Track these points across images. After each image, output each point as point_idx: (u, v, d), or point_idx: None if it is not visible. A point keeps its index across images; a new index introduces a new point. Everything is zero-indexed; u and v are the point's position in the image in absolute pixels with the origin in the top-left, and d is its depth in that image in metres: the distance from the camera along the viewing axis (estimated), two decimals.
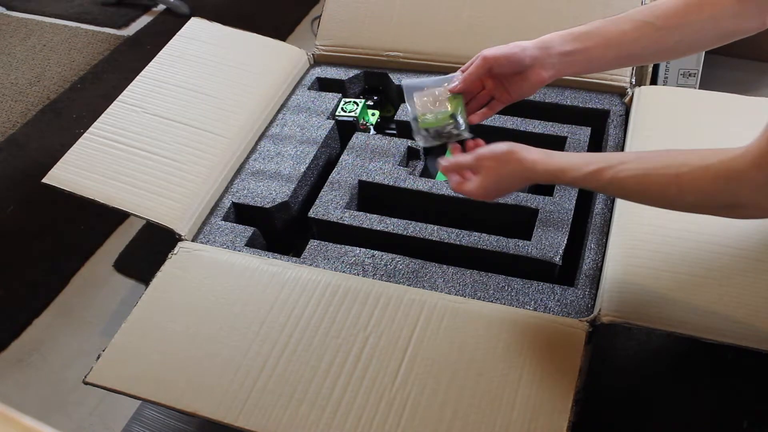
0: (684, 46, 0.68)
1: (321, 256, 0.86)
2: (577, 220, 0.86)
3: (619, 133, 0.95)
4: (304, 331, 0.75)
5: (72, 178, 0.95)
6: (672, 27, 0.65)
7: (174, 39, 1.16)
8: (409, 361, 0.71)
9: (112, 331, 0.79)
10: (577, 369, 0.68)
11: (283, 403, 0.70)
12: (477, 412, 0.66)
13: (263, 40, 1.17)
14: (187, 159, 0.97)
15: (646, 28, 0.66)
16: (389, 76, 1.11)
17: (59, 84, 1.74)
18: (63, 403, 1.07)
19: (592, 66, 0.70)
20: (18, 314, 1.20)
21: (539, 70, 0.69)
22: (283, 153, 1.01)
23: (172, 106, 1.04)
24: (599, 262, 0.80)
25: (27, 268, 1.29)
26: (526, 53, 0.68)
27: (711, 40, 0.67)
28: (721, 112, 0.92)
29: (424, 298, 0.76)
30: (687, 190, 0.57)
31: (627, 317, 0.70)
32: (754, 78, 1.40)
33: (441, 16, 1.09)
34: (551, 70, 0.69)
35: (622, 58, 0.69)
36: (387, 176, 0.95)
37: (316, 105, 1.08)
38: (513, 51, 0.68)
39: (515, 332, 0.72)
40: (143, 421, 1.02)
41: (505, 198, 0.89)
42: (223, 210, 0.94)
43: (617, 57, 0.68)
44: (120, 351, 0.78)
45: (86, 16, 2.00)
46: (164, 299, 0.82)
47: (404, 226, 0.87)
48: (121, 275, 1.25)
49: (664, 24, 0.65)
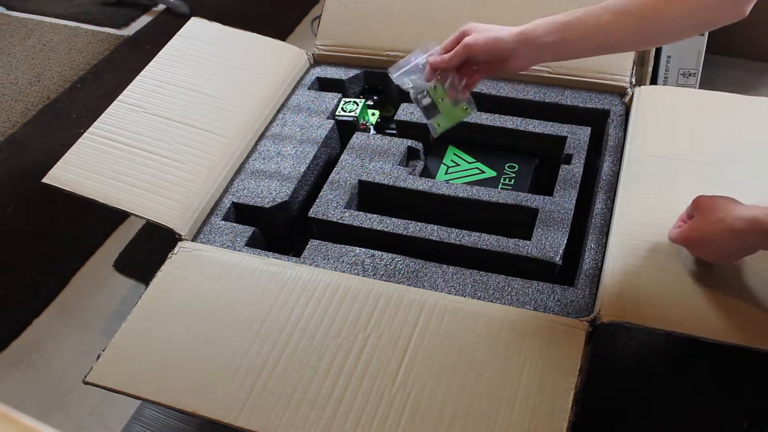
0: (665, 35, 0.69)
1: (321, 256, 0.86)
2: (577, 220, 0.86)
3: (619, 133, 0.95)
4: (304, 330, 0.75)
5: (72, 178, 0.95)
6: (651, 16, 0.66)
7: (174, 39, 1.16)
8: (409, 361, 0.71)
9: (112, 331, 0.79)
10: (577, 369, 0.68)
11: (283, 403, 0.70)
12: (477, 412, 0.66)
13: (263, 40, 1.17)
14: (187, 159, 0.97)
15: (627, 17, 0.66)
16: (389, 76, 1.10)
17: (59, 84, 1.74)
18: (63, 403, 1.07)
19: (572, 55, 0.72)
20: (18, 314, 1.20)
21: (518, 60, 0.71)
22: (283, 153, 1.01)
23: (172, 106, 1.04)
24: (599, 262, 0.80)
25: (27, 268, 1.29)
26: (507, 44, 0.70)
27: (690, 30, 0.68)
28: (721, 112, 0.92)
29: (424, 298, 0.76)
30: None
31: (627, 317, 0.70)
32: (754, 78, 1.40)
33: (441, 16, 1.09)
34: (530, 60, 0.71)
35: (603, 47, 0.70)
36: (387, 176, 0.95)
37: (316, 105, 1.08)
38: (494, 42, 0.71)
39: (515, 332, 0.72)
40: (143, 421, 1.02)
41: (505, 198, 0.89)
42: (223, 210, 0.94)
43: (598, 45, 0.70)
44: (120, 351, 0.78)
45: (86, 16, 2.00)
46: (164, 299, 0.82)
47: (404, 226, 0.87)
48: (121, 275, 1.25)
49: (643, 13, 0.66)
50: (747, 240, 0.61)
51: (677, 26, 0.67)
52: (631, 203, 0.81)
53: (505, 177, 0.98)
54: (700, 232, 0.66)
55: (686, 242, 0.69)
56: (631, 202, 0.82)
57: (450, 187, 0.91)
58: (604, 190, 0.87)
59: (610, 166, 0.90)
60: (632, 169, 0.86)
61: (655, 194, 0.82)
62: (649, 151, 0.88)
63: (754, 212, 0.61)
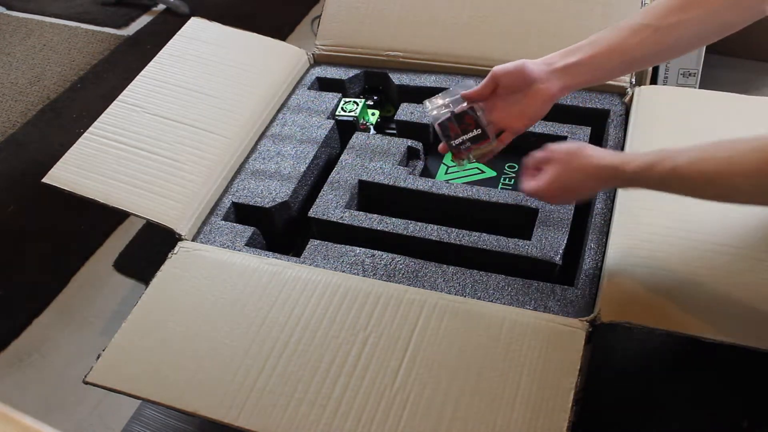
0: (685, 42, 0.68)
1: (321, 256, 0.86)
2: (577, 220, 0.86)
3: (619, 133, 0.95)
4: (304, 330, 0.75)
5: (72, 177, 0.95)
6: (670, 25, 0.66)
7: (174, 39, 1.16)
8: (409, 361, 0.71)
9: (112, 331, 0.79)
10: (577, 369, 0.68)
11: (283, 403, 0.70)
12: (477, 412, 0.66)
13: (263, 40, 1.17)
14: (187, 159, 0.97)
15: (645, 30, 0.67)
16: (389, 76, 1.11)
17: (59, 84, 1.74)
18: (63, 403, 1.07)
19: (598, 74, 0.71)
20: (18, 314, 1.20)
21: (547, 84, 0.70)
22: (283, 153, 1.01)
23: (172, 106, 1.04)
24: (599, 262, 0.80)
25: (27, 268, 1.29)
26: (532, 68, 0.71)
27: (711, 32, 0.67)
28: (721, 112, 0.92)
29: (424, 298, 0.76)
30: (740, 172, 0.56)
31: (627, 317, 0.70)
32: (754, 78, 1.40)
33: (441, 16, 1.09)
34: (558, 83, 0.70)
35: (626, 63, 0.70)
36: (387, 176, 0.95)
37: (316, 105, 1.08)
38: (519, 66, 0.71)
39: (515, 332, 0.72)
40: (143, 421, 1.02)
41: (505, 198, 0.89)
42: (223, 210, 0.94)
43: (621, 62, 0.69)
44: (120, 351, 0.78)
45: (86, 15, 2.00)
46: (164, 299, 0.82)
47: (404, 226, 0.87)
48: (121, 275, 1.25)
49: (661, 23, 0.66)
50: (607, 184, 0.67)
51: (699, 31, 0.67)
52: (631, 203, 0.81)
53: (505, 177, 0.99)
54: (560, 182, 0.68)
55: (546, 194, 0.70)
56: (631, 202, 0.82)
57: (450, 187, 0.91)
58: (604, 190, 0.87)
59: None
60: None
61: (655, 194, 0.82)
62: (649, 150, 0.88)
63: (611, 160, 0.64)
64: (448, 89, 0.79)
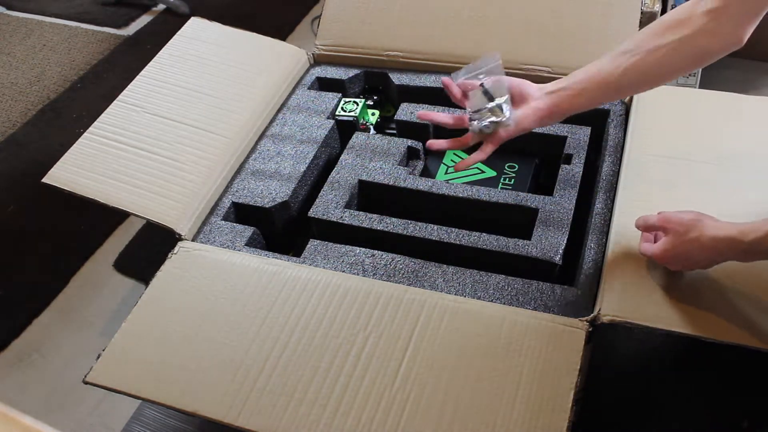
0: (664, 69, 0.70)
1: (321, 256, 0.86)
2: (577, 220, 0.86)
3: (619, 132, 0.95)
4: (304, 330, 0.75)
5: (72, 177, 0.95)
6: (647, 51, 0.69)
7: (174, 39, 1.16)
8: (409, 361, 0.71)
9: (112, 331, 0.79)
10: (577, 369, 0.68)
11: (283, 403, 0.70)
12: (477, 412, 0.66)
13: (263, 40, 1.17)
14: (187, 159, 0.97)
15: (623, 57, 0.70)
16: (389, 76, 1.11)
17: (59, 84, 1.75)
18: (63, 403, 1.07)
19: (581, 100, 0.74)
20: (18, 314, 1.20)
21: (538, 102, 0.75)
22: (283, 153, 1.01)
23: (172, 106, 1.04)
24: (599, 262, 0.80)
25: (27, 268, 1.29)
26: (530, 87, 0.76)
27: (688, 60, 0.69)
28: (721, 112, 0.92)
29: (424, 298, 0.76)
30: None
31: (627, 317, 0.70)
32: (754, 78, 1.40)
33: (441, 15, 1.09)
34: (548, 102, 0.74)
35: (608, 89, 0.73)
36: (387, 176, 0.95)
37: (316, 105, 1.08)
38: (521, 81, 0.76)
39: (515, 332, 0.72)
40: (143, 421, 1.02)
41: (505, 198, 0.89)
42: (223, 210, 0.94)
43: (599, 88, 0.72)
44: (120, 351, 0.78)
45: (86, 15, 2.00)
46: (164, 299, 0.82)
47: (404, 226, 0.87)
48: (121, 275, 1.25)
49: (638, 49, 0.69)
50: (724, 256, 0.65)
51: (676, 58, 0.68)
52: (631, 203, 0.81)
53: (505, 177, 0.98)
54: (677, 251, 0.68)
55: (663, 261, 0.71)
56: (631, 202, 0.82)
57: (450, 187, 0.91)
58: (604, 190, 0.87)
59: (610, 166, 0.90)
60: (632, 169, 0.86)
61: (655, 194, 0.82)
62: (649, 150, 0.88)
63: (728, 232, 0.63)
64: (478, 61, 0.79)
